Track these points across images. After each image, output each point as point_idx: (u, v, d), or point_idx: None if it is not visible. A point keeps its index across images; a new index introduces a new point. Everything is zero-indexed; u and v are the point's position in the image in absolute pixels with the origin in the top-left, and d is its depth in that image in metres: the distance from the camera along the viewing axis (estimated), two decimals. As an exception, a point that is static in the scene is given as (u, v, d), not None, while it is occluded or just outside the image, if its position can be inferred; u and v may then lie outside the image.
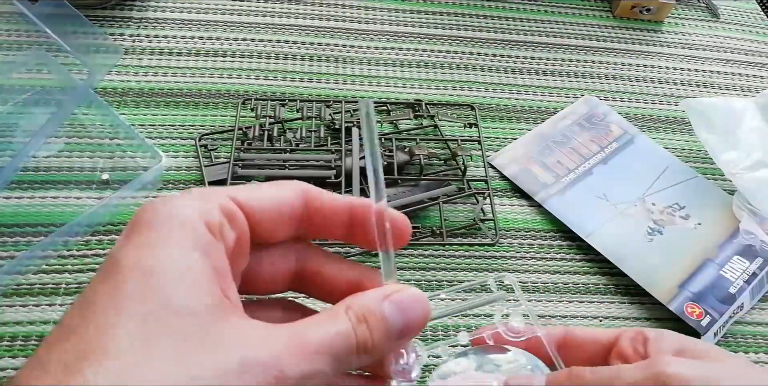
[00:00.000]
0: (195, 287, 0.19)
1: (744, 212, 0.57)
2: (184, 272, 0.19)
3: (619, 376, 0.25)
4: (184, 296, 0.18)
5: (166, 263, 0.19)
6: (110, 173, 0.54)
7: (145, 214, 0.20)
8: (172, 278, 0.19)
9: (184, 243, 0.19)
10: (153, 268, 0.19)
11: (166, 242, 0.19)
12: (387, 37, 0.70)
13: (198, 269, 0.19)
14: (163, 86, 0.61)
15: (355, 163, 0.55)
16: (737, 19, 0.80)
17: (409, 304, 0.22)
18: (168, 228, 0.20)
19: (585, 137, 0.63)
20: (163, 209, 0.20)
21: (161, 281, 0.18)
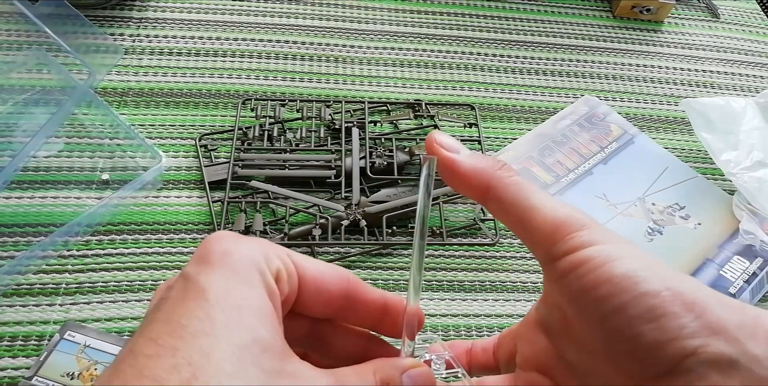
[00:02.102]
0: (272, 327, 0.21)
1: (744, 212, 0.57)
2: (264, 311, 0.21)
3: (540, 192, 0.25)
4: (267, 333, 0.20)
5: (250, 301, 0.21)
6: (110, 173, 0.54)
7: (218, 245, 0.22)
8: (257, 315, 0.21)
9: (259, 284, 0.21)
10: (240, 303, 0.20)
11: (246, 280, 0.21)
12: (387, 37, 0.70)
13: (272, 312, 0.21)
14: (163, 86, 0.61)
15: (355, 163, 0.55)
16: (737, 19, 0.80)
17: (421, 380, 0.25)
18: (245, 266, 0.21)
19: (585, 137, 0.63)
20: (236, 245, 0.22)
21: (248, 318, 0.20)
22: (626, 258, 0.22)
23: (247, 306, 0.20)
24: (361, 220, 0.52)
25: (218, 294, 0.20)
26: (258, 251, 0.22)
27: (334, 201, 0.54)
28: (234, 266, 0.21)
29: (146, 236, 0.51)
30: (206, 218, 0.53)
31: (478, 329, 0.50)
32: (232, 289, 0.21)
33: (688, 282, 0.22)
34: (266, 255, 0.22)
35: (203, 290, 0.20)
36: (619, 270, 0.22)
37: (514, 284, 0.53)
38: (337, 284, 0.25)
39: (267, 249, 0.23)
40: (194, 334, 0.19)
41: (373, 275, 0.52)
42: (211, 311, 0.20)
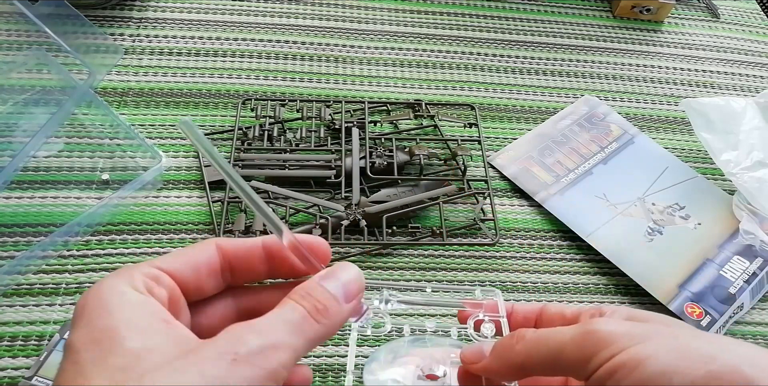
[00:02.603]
0: (145, 333, 0.22)
1: (744, 212, 0.57)
2: (129, 328, 0.22)
3: (556, 334, 0.26)
4: (136, 343, 0.21)
5: (110, 328, 0.22)
6: (110, 173, 0.54)
7: (80, 302, 0.23)
8: (120, 336, 0.21)
9: (120, 307, 0.22)
10: (101, 337, 0.21)
11: (104, 313, 0.22)
12: (387, 37, 0.70)
13: (142, 322, 0.22)
14: (163, 86, 0.61)
15: (355, 163, 0.55)
16: (737, 19, 0.80)
17: (341, 274, 0.26)
18: (101, 304, 0.22)
19: (585, 137, 0.63)
20: (93, 292, 0.23)
21: (112, 343, 0.21)
22: (655, 356, 0.23)
23: (109, 334, 0.21)
24: (361, 220, 0.52)
25: (82, 340, 0.22)
26: (114, 280, 0.23)
27: (334, 201, 0.54)
28: (90, 310, 0.22)
29: (146, 236, 0.51)
30: (206, 218, 0.53)
31: (478, 329, 0.50)
32: (93, 328, 0.22)
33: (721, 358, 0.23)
34: (126, 277, 0.24)
35: (71, 345, 0.22)
36: (653, 369, 0.23)
37: (514, 285, 0.53)
38: (207, 258, 0.26)
39: (124, 273, 0.24)
40: (66, 383, 0.21)
41: (373, 276, 0.52)
42: (77, 358, 0.21)
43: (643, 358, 0.23)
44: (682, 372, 0.22)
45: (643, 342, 0.24)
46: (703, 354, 0.23)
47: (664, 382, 0.22)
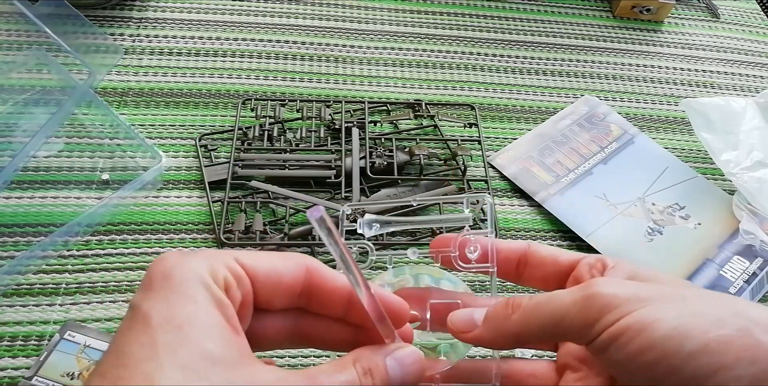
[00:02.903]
0: (221, 339, 0.21)
1: (744, 212, 0.57)
2: (209, 326, 0.21)
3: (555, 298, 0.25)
4: (215, 347, 0.21)
5: (194, 318, 0.21)
6: (110, 173, 0.54)
7: (160, 267, 0.22)
8: (202, 331, 0.21)
9: (204, 301, 0.22)
10: (183, 323, 0.21)
11: (189, 298, 0.21)
12: (387, 37, 0.70)
13: (220, 324, 0.22)
14: (163, 86, 0.61)
15: (355, 163, 0.55)
16: (737, 19, 0.80)
17: (408, 361, 0.25)
18: (187, 284, 0.22)
19: (585, 137, 0.63)
20: (177, 264, 0.22)
21: (192, 335, 0.21)
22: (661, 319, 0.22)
23: (190, 324, 0.21)
24: (361, 220, 0.52)
25: (160, 317, 0.21)
26: (201, 266, 0.22)
27: (334, 201, 0.54)
28: (175, 288, 0.22)
29: (146, 236, 0.51)
30: (206, 218, 0.53)
31: (478, 329, 0.50)
32: (175, 310, 0.21)
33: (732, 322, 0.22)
34: (211, 267, 0.22)
35: (146, 316, 0.21)
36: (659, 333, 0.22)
37: (514, 285, 0.53)
38: (292, 274, 0.25)
39: (211, 261, 0.23)
40: (138, 360, 0.20)
41: (373, 276, 0.52)
42: (154, 335, 0.20)
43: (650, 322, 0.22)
44: (692, 336, 0.21)
45: (649, 305, 0.23)
46: (713, 317, 0.22)
47: (673, 347, 0.21)
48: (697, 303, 0.23)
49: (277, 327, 0.26)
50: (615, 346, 0.22)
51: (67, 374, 0.42)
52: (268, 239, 0.51)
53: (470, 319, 0.27)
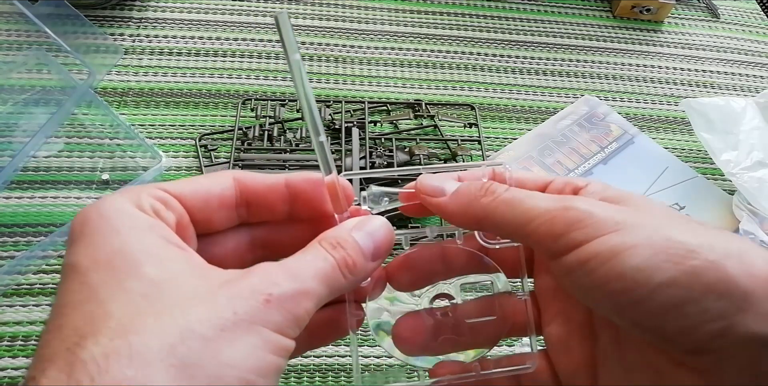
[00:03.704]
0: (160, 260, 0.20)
1: (744, 212, 0.57)
2: (143, 252, 0.20)
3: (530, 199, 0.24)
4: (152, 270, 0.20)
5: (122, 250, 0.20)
6: (110, 173, 0.54)
7: (79, 219, 0.21)
8: (135, 259, 0.20)
9: (131, 229, 0.21)
10: (110, 257, 0.20)
11: (113, 233, 0.20)
12: (387, 37, 0.70)
13: (155, 245, 0.21)
14: (163, 86, 0.61)
15: (355, 163, 0.55)
16: (737, 19, 0.80)
17: (373, 227, 0.24)
18: (109, 222, 0.21)
19: (585, 137, 0.63)
20: (95, 209, 0.21)
21: (125, 266, 0.20)
22: (633, 248, 0.21)
23: (121, 256, 0.20)
24: (361, 220, 0.52)
25: (87, 261, 0.20)
26: (121, 200, 0.22)
27: (334, 201, 0.54)
28: (97, 229, 0.21)
29: (146, 236, 0.51)
30: (206, 218, 0.53)
31: (478, 329, 0.50)
32: (100, 249, 0.20)
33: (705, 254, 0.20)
34: (132, 198, 0.22)
35: (74, 265, 0.20)
36: (630, 263, 0.21)
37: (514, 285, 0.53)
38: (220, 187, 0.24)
39: (131, 193, 0.22)
40: (75, 305, 0.19)
41: (373, 275, 0.52)
42: (84, 278, 0.19)
43: (621, 250, 0.21)
44: (662, 267, 0.20)
45: (623, 230, 0.22)
46: (686, 247, 0.21)
47: (642, 278, 0.20)
48: (672, 231, 0.21)
49: (232, 247, 0.26)
50: (582, 271, 0.22)
51: (67, 374, 0.42)
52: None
53: (440, 187, 0.26)
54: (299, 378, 0.46)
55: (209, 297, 0.19)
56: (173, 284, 0.19)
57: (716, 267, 0.20)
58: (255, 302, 0.19)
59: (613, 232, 0.22)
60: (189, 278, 0.20)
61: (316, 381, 0.46)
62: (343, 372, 0.46)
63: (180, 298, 0.19)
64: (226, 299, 0.19)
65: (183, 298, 0.19)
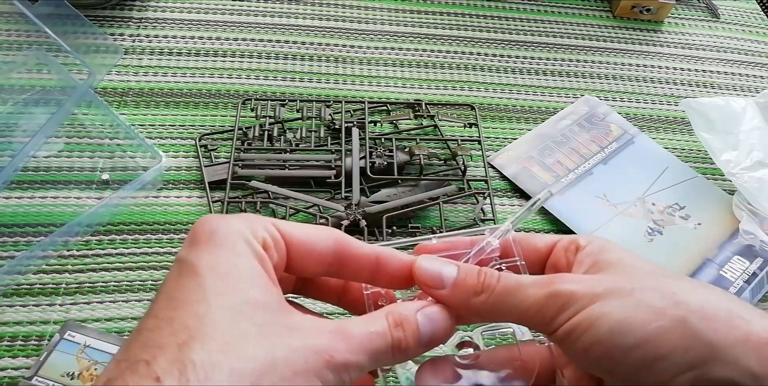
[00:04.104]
0: (264, 287, 0.23)
1: (744, 212, 0.57)
2: (253, 275, 0.23)
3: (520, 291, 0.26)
4: (257, 293, 0.23)
5: (238, 268, 0.23)
6: (110, 173, 0.54)
7: (205, 226, 0.24)
8: (246, 279, 0.23)
9: (246, 253, 0.24)
10: (228, 271, 0.23)
11: (233, 251, 0.23)
12: (387, 37, 0.70)
13: (262, 275, 0.23)
14: (163, 86, 0.61)
15: (355, 163, 0.55)
16: (737, 19, 0.80)
17: (437, 316, 0.26)
18: (231, 239, 0.24)
19: (585, 137, 0.63)
20: (221, 223, 0.24)
21: (237, 282, 0.23)
22: (606, 315, 0.24)
23: (235, 273, 0.23)
24: (361, 220, 0.52)
25: (207, 266, 0.23)
26: (243, 225, 0.24)
27: (334, 201, 0.54)
28: (220, 242, 0.23)
29: (146, 236, 0.51)
30: (206, 218, 0.53)
31: (478, 329, 0.50)
32: (220, 260, 0.23)
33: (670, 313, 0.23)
34: (252, 227, 0.24)
35: (193, 266, 0.23)
36: (603, 329, 0.23)
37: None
38: (324, 243, 0.26)
39: (252, 222, 0.25)
40: (187, 303, 0.22)
41: (373, 275, 0.52)
42: (201, 281, 0.22)
43: (597, 317, 0.24)
44: (632, 329, 0.23)
45: (600, 301, 0.24)
46: (653, 309, 0.23)
47: (616, 341, 0.23)
48: (643, 294, 0.24)
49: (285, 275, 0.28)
50: (569, 341, 0.24)
51: (67, 374, 0.42)
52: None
53: (438, 276, 0.27)
54: (299, 378, 0.46)
55: (290, 340, 0.22)
56: (265, 310, 0.23)
57: (680, 325, 0.23)
58: (321, 360, 0.22)
59: (591, 304, 0.24)
60: (274, 311, 0.23)
61: (316, 381, 0.46)
62: (343, 372, 0.46)
63: (271, 331, 0.22)
64: (303, 347, 0.22)
65: (273, 333, 0.22)
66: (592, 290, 0.25)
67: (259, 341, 0.21)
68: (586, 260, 0.28)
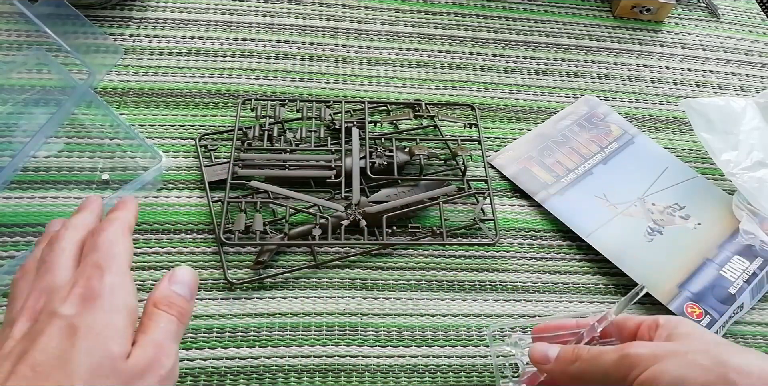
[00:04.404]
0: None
1: (744, 212, 0.57)
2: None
3: (602, 356, 0.36)
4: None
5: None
6: (110, 173, 0.54)
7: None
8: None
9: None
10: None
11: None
12: (387, 37, 0.70)
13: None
14: (163, 86, 0.61)
15: (355, 163, 0.55)
16: (737, 19, 0.80)
17: (183, 275, 0.35)
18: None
19: (585, 137, 0.63)
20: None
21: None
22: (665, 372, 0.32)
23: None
24: (361, 220, 0.52)
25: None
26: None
27: (334, 201, 0.54)
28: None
29: (146, 236, 0.51)
30: (206, 218, 0.53)
31: (478, 329, 0.50)
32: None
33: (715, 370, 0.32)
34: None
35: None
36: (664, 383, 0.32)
37: (514, 285, 0.53)
38: None
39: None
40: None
41: (373, 275, 0.52)
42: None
43: (658, 374, 0.32)
44: (686, 383, 0.31)
45: (661, 361, 0.33)
46: (702, 367, 0.32)
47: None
48: (696, 356, 0.33)
49: None
50: None
51: (67, 374, 0.42)
52: (268, 239, 0.51)
53: (545, 355, 0.39)
54: (299, 378, 0.46)
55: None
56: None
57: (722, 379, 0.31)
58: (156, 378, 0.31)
59: (655, 363, 0.33)
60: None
61: (316, 381, 0.46)
62: (342, 372, 0.47)
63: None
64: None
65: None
66: (654, 352, 0.34)
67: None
68: (664, 333, 0.37)
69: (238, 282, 0.49)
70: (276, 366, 0.46)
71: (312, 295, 0.50)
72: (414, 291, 0.52)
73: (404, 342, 0.49)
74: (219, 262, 0.50)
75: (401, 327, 0.50)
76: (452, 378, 0.47)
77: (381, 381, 0.47)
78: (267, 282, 0.50)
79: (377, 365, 0.47)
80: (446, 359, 0.48)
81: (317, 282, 0.51)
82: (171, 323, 0.32)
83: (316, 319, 0.49)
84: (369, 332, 0.49)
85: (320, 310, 0.49)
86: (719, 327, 0.51)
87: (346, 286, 0.51)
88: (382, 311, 0.50)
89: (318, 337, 0.48)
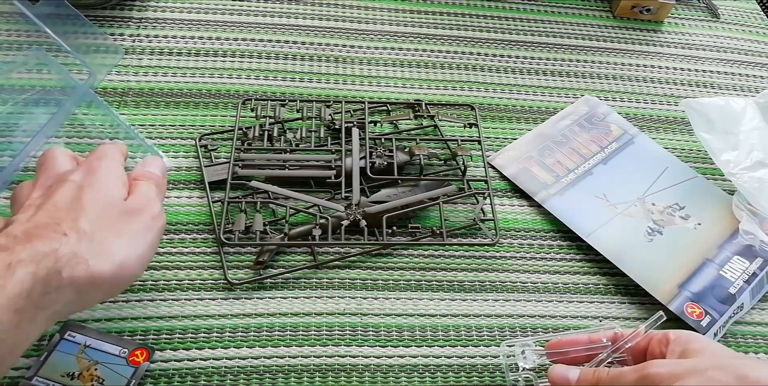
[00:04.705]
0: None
1: (744, 212, 0.57)
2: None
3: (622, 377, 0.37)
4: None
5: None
6: (110, 173, 0.54)
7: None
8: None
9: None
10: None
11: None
12: (387, 37, 0.70)
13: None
14: (163, 86, 0.61)
15: (355, 163, 0.55)
16: (737, 19, 0.80)
17: (154, 161, 0.43)
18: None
19: (585, 137, 0.63)
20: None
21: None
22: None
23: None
24: (361, 220, 0.52)
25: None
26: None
27: (334, 201, 0.54)
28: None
29: (146, 236, 0.51)
30: (206, 218, 0.53)
31: (478, 329, 0.50)
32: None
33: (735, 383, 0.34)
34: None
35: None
36: None
37: (514, 285, 0.53)
38: None
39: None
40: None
41: (373, 275, 0.52)
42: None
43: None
44: None
45: (682, 380, 0.34)
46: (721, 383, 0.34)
47: None
48: (713, 373, 0.34)
49: None
50: None
51: (67, 374, 0.42)
52: (268, 239, 0.51)
53: (565, 377, 0.40)
54: (299, 378, 0.46)
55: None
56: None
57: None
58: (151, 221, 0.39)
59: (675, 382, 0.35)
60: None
61: (316, 382, 0.46)
62: (342, 373, 0.47)
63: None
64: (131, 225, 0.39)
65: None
66: (673, 371, 0.35)
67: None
68: (677, 349, 0.38)
69: (238, 282, 0.49)
70: (276, 366, 0.46)
71: (312, 295, 0.50)
72: (414, 291, 0.52)
73: (404, 342, 0.49)
74: (219, 262, 0.50)
75: (401, 327, 0.50)
76: (452, 378, 0.47)
77: (381, 381, 0.47)
78: (267, 282, 0.50)
79: (377, 365, 0.47)
80: (446, 359, 0.48)
81: (317, 282, 0.51)
82: (151, 187, 0.40)
83: (316, 319, 0.49)
84: (369, 332, 0.49)
85: (320, 310, 0.50)
86: (719, 327, 0.51)
87: (346, 286, 0.51)
88: (382, 311, 0.50)
89: (318, 337, 0.48)
